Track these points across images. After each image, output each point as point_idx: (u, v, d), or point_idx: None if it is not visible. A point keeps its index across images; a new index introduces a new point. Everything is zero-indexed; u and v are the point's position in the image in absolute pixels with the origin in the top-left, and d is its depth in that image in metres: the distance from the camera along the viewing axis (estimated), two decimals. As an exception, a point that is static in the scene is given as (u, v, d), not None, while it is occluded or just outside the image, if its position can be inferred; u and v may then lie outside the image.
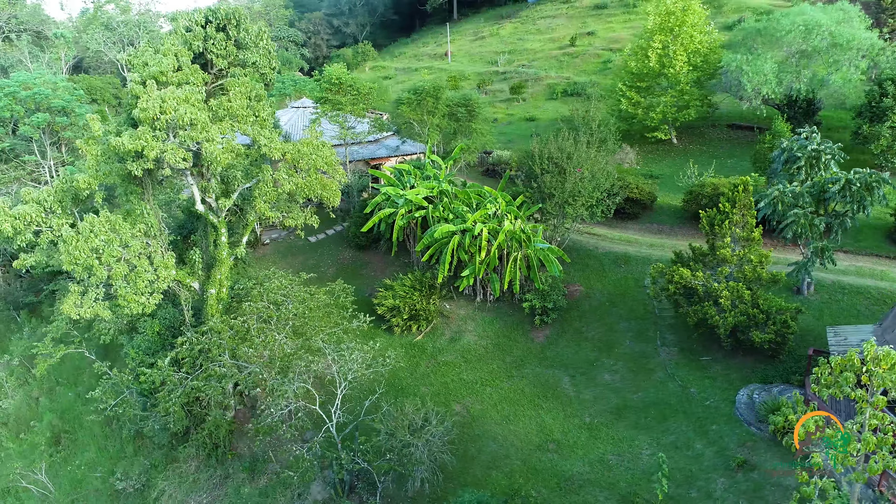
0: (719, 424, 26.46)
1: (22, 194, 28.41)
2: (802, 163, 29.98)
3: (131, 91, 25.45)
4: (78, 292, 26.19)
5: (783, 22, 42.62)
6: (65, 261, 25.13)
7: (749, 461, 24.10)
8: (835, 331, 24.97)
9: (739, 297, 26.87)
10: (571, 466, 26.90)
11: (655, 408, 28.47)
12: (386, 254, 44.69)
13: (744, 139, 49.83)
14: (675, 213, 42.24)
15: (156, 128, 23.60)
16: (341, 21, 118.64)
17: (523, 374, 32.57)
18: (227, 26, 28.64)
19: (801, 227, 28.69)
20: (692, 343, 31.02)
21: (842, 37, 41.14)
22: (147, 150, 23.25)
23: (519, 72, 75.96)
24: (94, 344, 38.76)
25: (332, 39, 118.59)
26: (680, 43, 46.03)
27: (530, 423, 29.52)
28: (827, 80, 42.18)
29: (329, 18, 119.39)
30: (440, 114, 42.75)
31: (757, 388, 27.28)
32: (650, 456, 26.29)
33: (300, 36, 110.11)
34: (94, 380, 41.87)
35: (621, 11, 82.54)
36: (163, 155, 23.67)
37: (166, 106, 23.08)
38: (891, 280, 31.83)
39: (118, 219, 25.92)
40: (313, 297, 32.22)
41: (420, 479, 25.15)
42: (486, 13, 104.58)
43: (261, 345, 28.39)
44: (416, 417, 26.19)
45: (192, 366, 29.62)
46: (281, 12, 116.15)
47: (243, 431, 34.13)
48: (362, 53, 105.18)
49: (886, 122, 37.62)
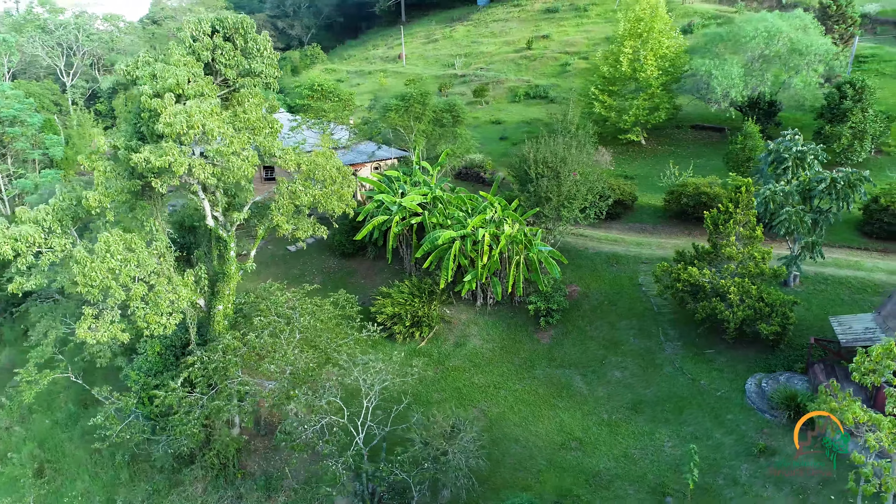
0: (734, 414, 27.95)
1: (17, 213, 26.84)
2: (790, 163, 31.96)
3: (143, 105, 24.42)
4: (91, 315, 24.94)
5: (747, 28, 45.10)
6: (80, 283, 23.91)
7: (769, 447, 25.62)
8: (838, 320, 26.84)
9: (746, 293, 28.42)
10: (597, 463, 27.77)
11: (670, 401, 29.73)
12: (374, 261, 44.52)
13: (708, 139, 52.33)
14: (656, 213, 43.98)
15: (183, 143, 22.81)
16: (286, 23, 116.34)
17: (534, 375, 33.26)
18: (234, 36, 27.92)
19: (793, 223, 30.61)
20: (695, 337, 32.53)
21: (801, 43, 43.96)
22: (176, 167, 22.45)
23: (478, 75, 76.80)
24: (78, 368, 36.82)
25: (276, 42, 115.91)
26: (650, 48, 47.89)
27: (550, 423, 30.23)
28: (788, 83, 44.92)
29: (273, 20, 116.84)
30: (427, 119, 42.92)
31: (763, 378, 28.95)
32: (672, 448, 27.49)
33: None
34: (75, 405, 39.95)
35: (572, 15, 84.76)
36: (191, 170, 22.90)
37: (194, 121, 22.35)
38: (866, 269, 34.35)
39: (133, 237, 24.86)
40: (322, 308, 31.83)
41: (458, 486, 25.32)
42: (436, 16, 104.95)
43: (281, 360, 27.86)
44: (445, 425, 26.41)
45: (206, 385, 28.72)
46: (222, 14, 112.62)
47: (250, 449, 33.39)
48: (311, 56, 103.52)
49: (847, 123, 40.46)
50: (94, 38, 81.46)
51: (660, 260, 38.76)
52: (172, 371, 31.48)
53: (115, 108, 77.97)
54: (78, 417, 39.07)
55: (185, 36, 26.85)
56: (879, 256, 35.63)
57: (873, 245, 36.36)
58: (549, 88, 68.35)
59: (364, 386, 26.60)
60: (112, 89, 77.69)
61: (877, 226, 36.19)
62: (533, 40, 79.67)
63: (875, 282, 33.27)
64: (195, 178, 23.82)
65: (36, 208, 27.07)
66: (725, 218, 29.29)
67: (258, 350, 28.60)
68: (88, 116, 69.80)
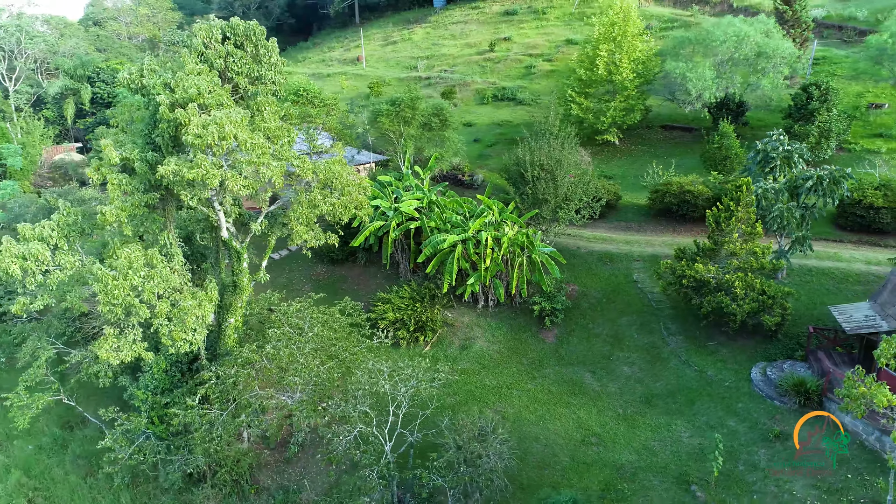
0: (744, 402, 29.34)
1: (20, 230, 25.52)
2: (778, 162, 33.74)
3: (162, 115, 23.62)
4: (114, 335, 23.95)
5: (717, 33, 47.18)
6: (102, 302, 22.94)
7: (784, 432, 27.05)
8: (838, 310, 28.57)
9: (750, 286, 29.88)
10: (619, 457, 28.61)
11: (680, 393, 30.92)
12: (365, 267, 44.26)
13: (679, 139, 54.40)
14: (640, 211, 45.48)
15: (215, 154, 22.17)
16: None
17: (544, 374, 33.91)
18: (245, 42, 27.32)
19: (785, 219, 32.36)
20: (695, 330, 33.91)
21: (768, 46, 46.34)
22: (209, 179, 21.82)
23: (443, 77, 77.16)
24: (68, 390, 35.13)
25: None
26: (624, 51, 49.41)
27: (567, 421, 30.92)
28: (756, 84, 47.26)
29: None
30: (416, 124, 42.99)
31: (767, 366, 30.50)
32: (690, 438, 28.62)
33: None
34: (59, 428, 38.04)
35: (532, 18, 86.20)
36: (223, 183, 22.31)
37: (226, 131, 21.78)
38: (845, 260, 36.62)
39: (154, 252, 24.01)
40: (334, 318, 31.55)
41: (492, 488, 25.62)
42: (392, 17, 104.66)
43: (304, 371, 27.47)
44: (474, 427, 26.67)
45: (224, 401, 28.03)
46: (169, 15, 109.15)
47: (261, 463, 32.71)
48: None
49: (814, 123, 42.92)
50: (37, 41, 77.37)
51: (651, 257, 40.28)
52: (181, 388, 30.55)
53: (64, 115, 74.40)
54: (65, 441, 37.28)
55: (197, 43, 26.09)
56: (854, 247, 38.04)
57: (847, 237, 38.78)
58: (517, 91, 69.39)
59: (394, 393, 26.54)
60: (60, 94, 74.07)
61: (850, 219, 38.59)
62: (495, 42, 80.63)
63: (855, 271, 35.53)
64: (228, 190, 23.22)
65: (39, 224, 25.80)
66: (727, 216, 30.67)
67: (279, 362, 28.09)
68: (38, 123, 66.38)
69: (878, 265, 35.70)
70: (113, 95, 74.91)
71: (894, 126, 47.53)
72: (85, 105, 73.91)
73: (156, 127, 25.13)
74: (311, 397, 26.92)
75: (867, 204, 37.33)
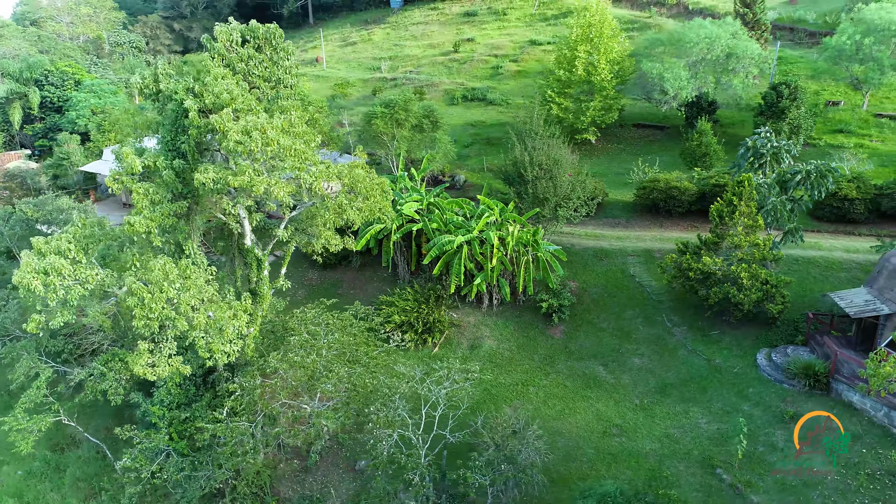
0: (754, 387, 30.85)
1: (35, 244, 24.26)
2: (768, 158, 35.59)
3: (192, 121, 22.90)
4: (147, 349, 23.05)
5: (690, 35, 49.18)
6: (138, 316, 22.06)
7: (798, 413, 28.62)
8: (839, 296, 30.43)
9: (755, 277, 31.44)
10: (642, 446, 29.59)
11: (692, 382, 32.22)
12: (359, 271, 43.96)
13: (652, 137, 56.35)
14: (626, 208, 46.90)
15: (257, 160, 21.65)
16: (183, 25, 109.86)
17: (557, 369, 34.63)
18: (264, 45, 26.76)
19: (778, 212, 34.19)
20: (697, 321, 35.37)
21: (738, 48, 48.62)
22: (255, 186, 21.31)
23: (409, 78, 77.11)
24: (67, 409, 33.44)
25: (173, 44, 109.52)
26: (602, 52, 50.82)
27: (587, 414, 31.72)
28: (727, 84, 49.54)
29: (168, 22, 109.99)
30: (408, 126, 43.00)
31: (771, 351, 32.16)
32: (708, 424, 29.89)
33: (142, 42, 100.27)
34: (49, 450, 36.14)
35: (493, 19, 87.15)
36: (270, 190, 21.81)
37: (270, 138, 21.32)
38: (826, 249, 38.93)
39: (188, 263, 23.26)
40: (352, 323, 31.33)
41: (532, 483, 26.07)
42: (349, 18, 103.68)
43: (334, 378, 27.19)
44: (507, 425, 27.08)
45: (252, 413, 27.43)
46: (112, 15, 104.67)
47: (278, 474, 32.11)
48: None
49: (786, 119, 45.37)
50: None
51: (644, 252, 41.67)
52: (199, 402, 29.67)
53: (10, 121, 70.33)
54: (58, 464, 35.52)
55: (219, 47, 25.41)
56: (832, 237, 40.46)
57: (824, 227, 41.21)
58: (486, 91, 70.06)
59: (430, 394, 26.63)
60: (6, 99, 69.94)
61: (826, 210, 41.00)
62: (459, 43, 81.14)
63: (837, 259, 37.85)
64: (272, 198, 22.72)
65: (55, 237, 24.57)
66: (730, 210, 32.15)
67: (306, 370, 27.67)
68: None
69: (857, 253, 38.13)
70: (64, 99, 71.34)
71: (852, 122, 50.76)
72: (34, 110, 70.10)
73: (178, 133, 24.34)
74: (346, 403, 26.65)
75: (842, 196, 39.77)
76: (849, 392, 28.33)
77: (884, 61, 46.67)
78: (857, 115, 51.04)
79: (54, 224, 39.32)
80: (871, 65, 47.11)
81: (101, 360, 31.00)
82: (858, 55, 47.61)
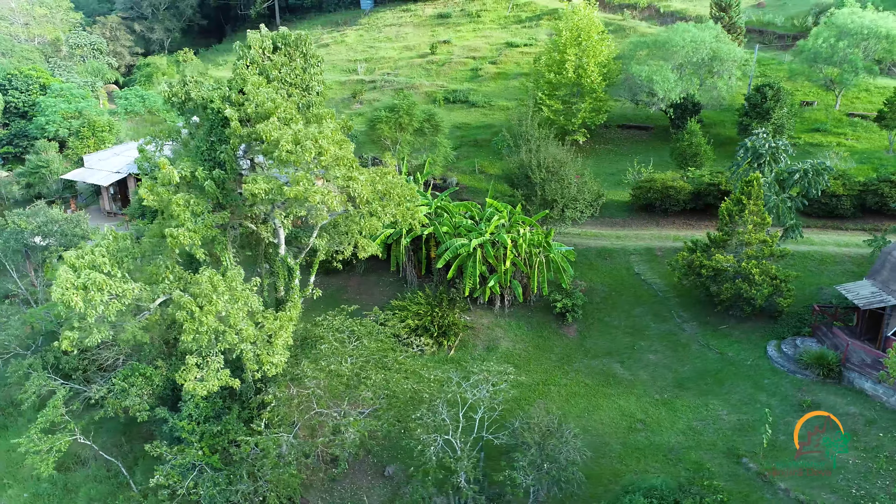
0: (769, 378, 32.18)
1: (66, 258, 23.50)
2: (767, 157, 37.12)
3: (234, 130, 22.54)
4: (194, 364, 22.59)
5: (676, 39, 50.71)
6: (188, 331, 21.61)
7: (815, 401, 30.01)
8: (845, 288, 32.04)
9: (766, 272, 32.80)
10: (667, 439, 30.53)
11: (708, 375, 33.37)
12: (364, 276, 43.80)
13: (637, 137, 57.79)
14: (621, 207, 48.05)
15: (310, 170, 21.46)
16: (144, 26, 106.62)
17: (575, 368, 35.34)
18: (294, 52, 26.50)
19: (780, 209, 35.72)
20: (706, 316, 36.64)
21: (721, 51, 50.41)
22: (310, 196, 21.12)
23: (388, 80, 76.92)
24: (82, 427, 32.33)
25: (134, 46, 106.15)
26: (591, 55, 51.91)
27: (610, 410, 32.50)
28: (713, 85, 51.31)
29: (128, 23, 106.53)
30: (411, 129, 43.10)
31: (780, 343, 33.59)
32: (729, 415, 31.03)
33: (103, 44, 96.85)
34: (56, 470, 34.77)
35: (467, 21, 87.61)
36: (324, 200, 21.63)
37: (323, 146, 21.17)
38: (818, 244, 40.79)
39: (234, 274, 22.90)
40: (377, 329, 31.33)
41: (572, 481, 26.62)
42: (318, 19, 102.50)
43: (372, 386, 27.18)
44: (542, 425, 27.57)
45: (289, 423, 27.15)
46: (69, 16, 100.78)
47: (306, 483, 31.80)
48: (183, 62, 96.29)
49: (771, 120, 47.30)
50: None
51: (646, 250, 42.86)
52: (229, 415, 29.14)
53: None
54: (66, 484, 34.32)
55: (254, 54, 25.06)
56: (821, 232, 42.42)
57: (813, 223, 43.10)
58: (468, 93, 70.47)
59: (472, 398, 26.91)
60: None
61: (815, 206, 42.87)
62: (436, 45, 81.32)
63: (830, 254, 39.73)
64: (326, 207, 22.53)
65: (87, 251, 23.82)
66: (740, 209, 33.43)
67: (342, 378, 27.56)
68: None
69: (847, 247, 40.09)
70: (30, 104, 68.50)
71: (827, 121, 53.22)
72: (-4, 116, 67.18)
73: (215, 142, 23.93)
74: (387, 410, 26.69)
75: (830, 192, 41.71)
76: (860, 379, 29.88)
77: (857, 63, 49.11)
78: (831, 115, 53.53)
79: (50, 236, 37.89)
80: (845, 67, 49.49)
81: (119, 375, 30.16)
82: (834, 57, 49.95)
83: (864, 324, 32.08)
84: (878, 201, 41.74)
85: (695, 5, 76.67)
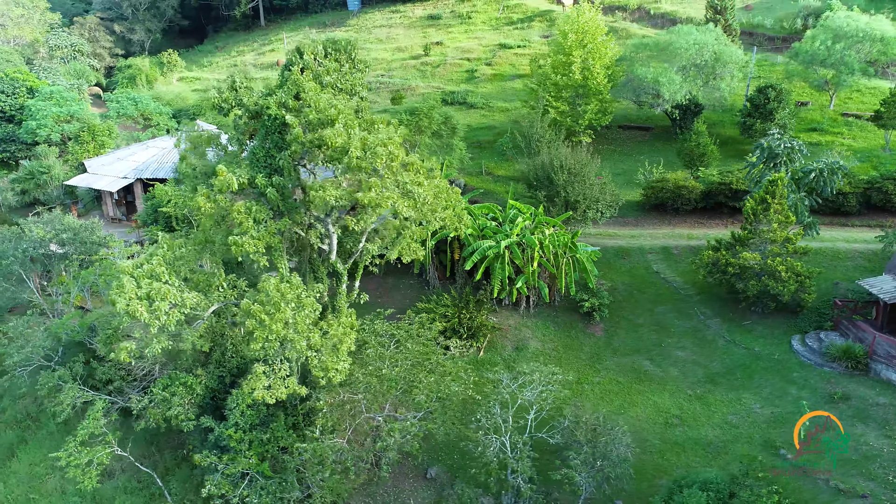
0: (798, 371, 33.21)
1: (121, 268, 23.16)
2: (784, 157, 38.25)
3: (296, 137, 22.45)
4: (262, 372, 22.44)
5: (679, 41, 51.78)
6: (257, 339, 21.48)
7: (845, 393, 31.10)
8: (868, 283, 33.23)
9: (791, 269, 33.84)
10: (704, 433, 31.31)
11: (738, 370, 34.28)
12: (382, 279, 43.69)
13: (640, 138, 58.84)
14: (633, 207, 48.88)
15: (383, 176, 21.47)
16: (124, 27, 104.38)
17: (606, 366, 35.94)
18: (342, 57, 26.46)
19: (798, 208, 36.86)
20: (728, 312, 37.59)
21: (724, 53, 51.67)
22: (384, 203, 21.16)
23: (384, 82, 76.78)
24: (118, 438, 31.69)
25: (115, 47, 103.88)
26: (597, 57, 52.71)
27: (645, 407, 33.16)
28: (715, 87, 52.56)
29: (108, 23, 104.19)
30: (429, 132, 43.28)
31: (805, 337, 34.69)
32: (762, 409, 31.94)
33: (84, 45, 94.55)
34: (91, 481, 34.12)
35: (458, 22, 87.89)
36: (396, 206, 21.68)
37: (395, 153, 21.23)
38: (829, 240, 42.06)
39: (299, 282, 22.81)
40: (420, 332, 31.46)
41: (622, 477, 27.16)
42: (305, 20, 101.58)
43: (425, 389, 27.33)
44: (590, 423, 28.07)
45: (342, 429, 27.12)
46: (47, 16, 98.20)
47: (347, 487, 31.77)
48: (167, 64, 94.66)
49: (774, 120, 48.68)
50: None
51: (662, 249, 43.75)
52: (276, 422, 28.94)
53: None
54: (97, 498, 33.62)
55: (307, 60, 24.97)
56: (828, 228, 43.79)
57: (820, 220, 44.28)
58: (466, 95, 70.77)
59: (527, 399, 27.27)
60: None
61: (822, 204, 44.25)
62: (429, 47, 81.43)
63: (840, 249, 41.11)
64: (397, 214, 22.56)
65: (144, 261, 23.49)
66: (764, 208, 34.41)
67: (393, 383, 27.64)
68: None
69: (856, 243, 41.55)
70: (17, 108, 66.59)
71: (823, 121, 54.94)
72: (-18, 120, 65.19)
73: (272, 149, 23.81)
74: (443, 412, 26.85)
75: (836, 190, 43.11)
76: (887, 370, 31.07)
77: (853, 65, 50.82)
78: (827, 115, 55.28)
79: (68, 244, 37.04)
80: (842, 68, 51.18)
81: (159, 385, 29.71)
82: (830, 59, 51.59)
83: (884, 317, 33.30)
84: (883, 198, 43.33)
85: (685, 7, 78.22)
